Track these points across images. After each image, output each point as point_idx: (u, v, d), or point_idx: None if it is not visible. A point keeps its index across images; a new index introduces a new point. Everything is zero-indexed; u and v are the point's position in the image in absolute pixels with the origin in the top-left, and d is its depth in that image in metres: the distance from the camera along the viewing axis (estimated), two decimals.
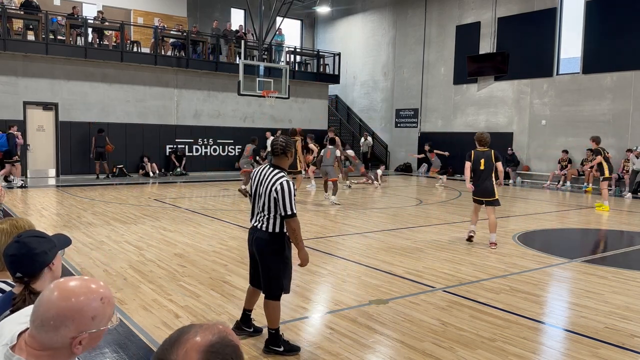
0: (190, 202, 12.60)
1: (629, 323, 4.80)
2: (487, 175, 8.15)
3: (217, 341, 1.12)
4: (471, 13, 21.32)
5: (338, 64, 23.65)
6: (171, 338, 1.14)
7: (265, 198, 3.96)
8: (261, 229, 4.00)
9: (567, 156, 17.79)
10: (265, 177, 4.01)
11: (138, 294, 5.41)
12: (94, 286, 1.46)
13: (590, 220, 11.13)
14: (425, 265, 6.79)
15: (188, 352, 1.09)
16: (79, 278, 1.49)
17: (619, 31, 16.66)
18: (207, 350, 1.10)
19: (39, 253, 1.94)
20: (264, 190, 3.98)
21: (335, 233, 9.05)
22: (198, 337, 1.11)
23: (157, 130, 19.12)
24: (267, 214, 3.98)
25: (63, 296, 1.41)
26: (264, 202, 3.97)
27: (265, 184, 3.97)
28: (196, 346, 1.10)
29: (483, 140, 8.25)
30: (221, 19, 23.01)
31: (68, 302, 1.40)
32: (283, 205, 3.87)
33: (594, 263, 7.15)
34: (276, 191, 3.88)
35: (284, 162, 4.09)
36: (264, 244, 3.99)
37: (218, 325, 1.16)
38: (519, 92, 19.73)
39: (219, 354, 1.10)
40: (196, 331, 1.13)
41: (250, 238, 4.16)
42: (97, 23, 18.34)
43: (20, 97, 16.56)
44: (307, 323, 4.76)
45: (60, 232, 8.16)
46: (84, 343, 1.44)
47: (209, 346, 1.10)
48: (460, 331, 4.50)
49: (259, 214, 4.06)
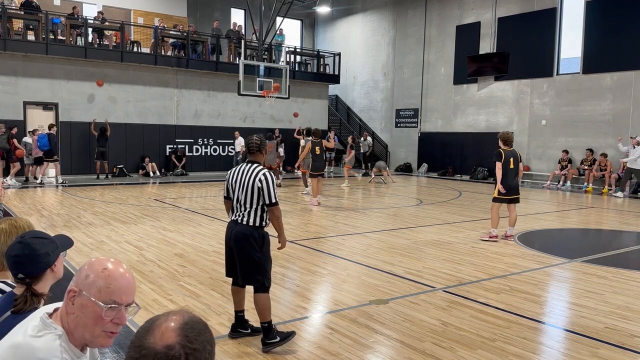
0: (190, 202, 12.60)
1: (629, 323, 4.80)
2: (515, 173, 8.37)
3: (189, 319, 1.22)
4: (471, 13, 21.32)
5: (338, 64, 23.65)
6: (144, 326, 1.21)
7: (248, 191, 4.11)
8: (242, 222, 4.12)
9: (567, 156, 17.78)
10: (245, 172, 4.18)
11: (138, 294, 5.41)
12: (108, 260, 1.58)
13: (590, 220, 11.13)
14: (425, 265, 6.79)
15: (164, 333, 1.17)
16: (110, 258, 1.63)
17: (619, 31, 16.66)
18: (182, 327, 1.19)
19: (41, 254, 1.94)
20: (245, 184, 4.13)
21: (335, 233, 9.05)
22: (171, 320, 1.21)
23: (157, 130, 19.12)
24: (248, 208, 4.12)
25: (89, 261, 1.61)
26: (246, 195, 4.12)
27: (247, 177, 4.14)
28: (170, 327, 1.19)
29: (509, 140, 8.38)
30: (221, 19, 23.03)
31: (86, 262, 1.60)
32: (268, 194, 4.08)
33: (594, 263, 7.15)
34: (260, 181, 4.08)
35: (259, 158, 4.30)
36: (245, 237, 4.09)
37: (184, 310, 1.26)
38: (519, 92, 19.73)
39: (194, 329, 1.19)
40: (166, 316, 1.22)
41: (228, 233, 4.22)
42: (97, 23, 18.34)
43: (20, 97, 16.57)
44: (307, 323, 4.76)
45: (61, 232, 8.16)
46: (76, 303, 1.54)
47: (183, 324, 1.20)
48: (460, 331, 4.50)
49: (239, 210, 4.17)
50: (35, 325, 1.54)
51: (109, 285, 1.52)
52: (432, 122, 23.04)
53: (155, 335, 1.17)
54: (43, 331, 1.53)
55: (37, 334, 1.52)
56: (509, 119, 20.08)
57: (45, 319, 1.56)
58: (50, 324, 1.55)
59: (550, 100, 18.75)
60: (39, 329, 1.53)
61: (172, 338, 1.16)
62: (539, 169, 19.13)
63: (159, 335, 1.17)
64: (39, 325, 1.54)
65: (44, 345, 1.49)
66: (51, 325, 1.55)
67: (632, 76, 16.49)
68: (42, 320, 1.56)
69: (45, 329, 1.53)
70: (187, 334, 1.17)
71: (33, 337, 1.51)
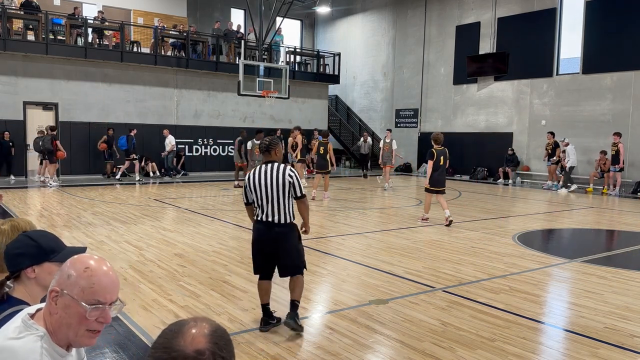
0: (190, 202, 12.61)
1: (629, 323, 4.80)
2: (444, 169, 9.81)
3: (217, 327, 1.24)
4: (471, 13, 21.32)
5: (338, 64, 23.65)
6: (171, 329, 1.22)
7: (280, 187, 4.41)
8: (279, 222, 4.43)
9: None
10: (269, 172, 4.45)
11: (138, 294, 5.41)
12: (91, 258, 1.57)
13: (590, 220, 11.13)
14: (425, 265, 6.80)
15: (195, 337, 1.18)
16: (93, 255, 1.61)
17: (619, 31, 16.66)
18: (212, 334, 1.20)
19: (10, 254, 1.88)
20: (275, 182, 4.41)
21: (335, 233, 9.05)
22: (201, 327, 1.22)
23: (157, 130, 19.11)
24: (281, 205, 4.42)
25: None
26: (278, 192, 4.41)
27: (275, 176, 4.42)
28: (201, 332, 1.20)
29: (439, 140, 9.76)
30: (221, 19, 23.01)
31: (68, 260, 1.58)
32: (299, 188, 4.48)
33: (594, 263, 7.15)
34: (290, 177, 4.44)
35: (273, 157, 4.55)
36: (287, 235, 4.47)
37: (209, 318, 1.27)
38: (519, 92, 19.73)
39: (222, 337, 1.22)
40: (195, 322, 1.23)
41: (266, 234, 4.46)
42: (97, 23, 18.34)
43: (20, 97, 16.56)
44: (307, 323, 4.76)
45: (61, 232, 8.16)
46: (58, 303, 1.52)
47: (213, 331, 1.21)
48: (460, 331, 4.51)
49: (270, 209, 4.43)
50: (16, 327, 1.52)
51: (92, 285, 1.50)
52: (432, 122, 23.04)
53: (186, 339, 1.18)
54: (24, 332, 1.51)
55: (17, 335, 1.50)
56: (508, 119, 20.08)
57: (27, 320, 1.54)
58: (31, 325, 1.53)
59: (550, 101, 18.75)
60: (19, 331, 1.51)
61: (203, 344, 1.17)
62: (538, 169, 19.13)
63: (189, 339, 1.17)
64: (20, 327, 1.52)
65: (24, 347, 1.48)
66: (32, 327, 1.53)
67: (632, 76, 16.49)
68: (23, 321, 1.54)
69: (26, 330, 1.51)
70: (217, 341, 1.19)
71: (13, 339, 1.49)
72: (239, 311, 4.94)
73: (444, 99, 22.43)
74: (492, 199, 14.69)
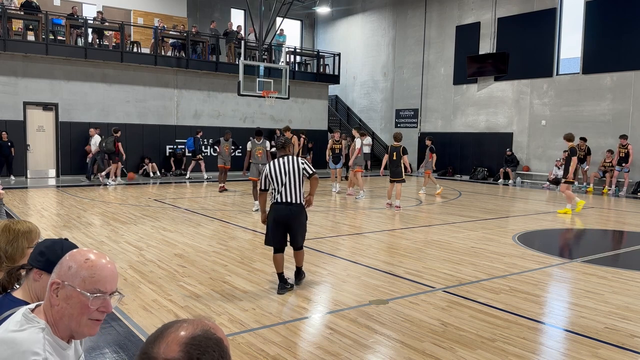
0: (190, 202, 12.60)
1: (629, 323, 4.80)
2: (397, 163, 11.66)
3: (200, 334, 1.13)
4: (471, 13, 21.32)
5: (338, 64, 23.64)
6: (155, 332, 1.16)
7: (296, 174, 5.58)
8: (296, 202, 5.57)
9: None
10: (285, 163, 5.63)
11: (138, 294, 5.41)
12: (89, 251, 1.61)
13: (589, 220, 11.13)
14: (425, 265, 6.79)
15: (169, 344, 1.11)
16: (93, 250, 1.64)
17: (619, 31, 16.66)
18: (188, 342, 1.11)
19: (36, 252, 1.91)
20: (292, 170, 5.58)
21: (335, 233, 9.05)
22: (181, 331, 1.14)
23: (157, 130, 19.11)
24: (296, 188, 5.57)
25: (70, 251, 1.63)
26: (294, 177, 5.57)
27: (291, 165, 5.62)
28: (177, 339, 1.12)
29: (397, 138, 11.83)
30: (221, 19, 23.02)
31: (66, 254, 1.62)
32: (310, 168, 5.71)
33: (594, 263, 7.15)
34: (304, 163, 5.68)
35: (287, 152, 5.82)
36: (300, 212, 5.62)
37: (203, 320, 1.18)
38: (519, 92, 19.73)
39: (200, 346, 1.11)
40: (180, 325, 1.16)
41: (284, 212, 5.54)
42: (97, 23, 18.34)
43: (20, 97, 16.56)
44: (307, 323, 4.76)
45: (60, 232, 8.16)
46: (60, 294, 1.55)
47: (191, 339, 1.12)
48: (460, 331, 4.50)
49: (288, 192, 5.55)
50: (17, 321, 1.56)
51: (93, 275, 1.55)
52: (432, 122, 23.04)
53: (161, 345, 1.12)
54: (25, 325, 1.54)
55: (19, 328, 1.53)
56: (508, 119, 20.08)
57: (28, 313, 1.58)
58: (32, 318, 1.57)
59: (550, 101, 18.75)
60: (21, 324, 1.55)
61: (175, 352, 1.11)
62: (538, 169, 19.13)
63: (164, 346, 1.12)
64: (21, 321, 1.56)
65: (27, 338, 1.51)
66: (34, 320, 1.56)
67: (632, 76, 16.49)
68: (24, 315, 1.57)
69: (27, 323, 1.55)
70: (190, 350, 1.11)
71: (15, 331, 1.52)
72: (239, 311, 4.93)
73: (444, 99, 22.43)
74: (492, 199, 14.69)
